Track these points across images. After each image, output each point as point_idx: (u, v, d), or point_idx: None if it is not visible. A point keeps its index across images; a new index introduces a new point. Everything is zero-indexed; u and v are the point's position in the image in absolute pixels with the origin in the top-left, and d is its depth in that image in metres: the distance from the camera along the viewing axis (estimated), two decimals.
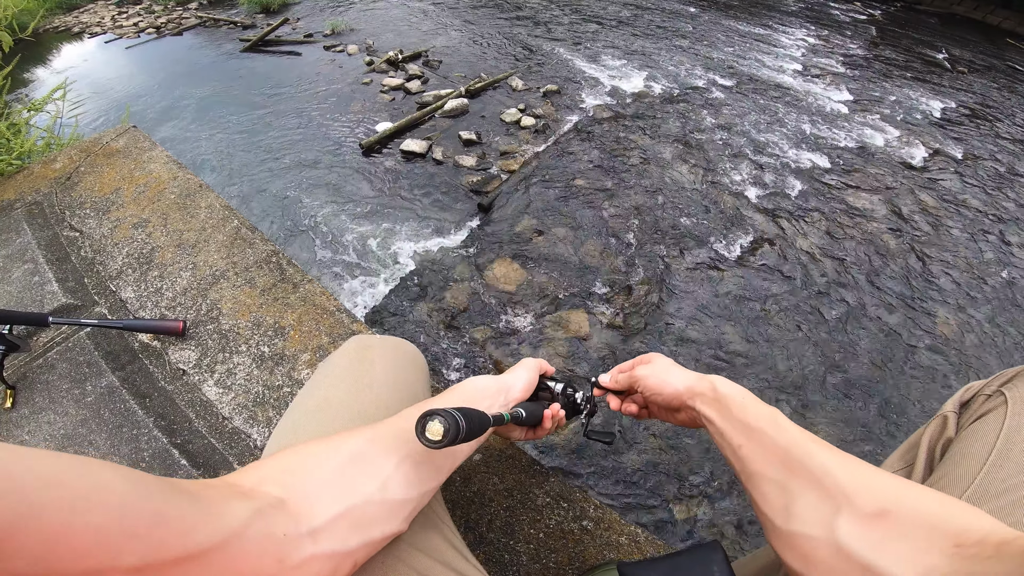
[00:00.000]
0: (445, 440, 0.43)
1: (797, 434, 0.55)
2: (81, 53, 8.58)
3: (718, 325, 3.49)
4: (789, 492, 0.51)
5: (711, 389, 0.68)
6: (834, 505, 0.46)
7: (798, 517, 0.48)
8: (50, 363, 1.19)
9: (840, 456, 0.51)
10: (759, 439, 0.58)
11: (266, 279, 1.37)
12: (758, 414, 0.60)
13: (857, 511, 0.44)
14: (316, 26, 8.46)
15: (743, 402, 0.64)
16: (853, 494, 0.46)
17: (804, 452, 0.52)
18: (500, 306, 3.48)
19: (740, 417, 0.62)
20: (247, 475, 0.43)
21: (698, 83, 6.72)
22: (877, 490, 0.45)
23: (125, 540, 0.30)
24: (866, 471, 0.48)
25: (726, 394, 0.66)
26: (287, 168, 4.97)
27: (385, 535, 0.47)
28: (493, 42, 7.65)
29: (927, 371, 3.36)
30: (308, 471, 0.45)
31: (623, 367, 0.86)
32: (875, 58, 8.41)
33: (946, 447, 0.66)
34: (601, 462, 2.66)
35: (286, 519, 0.40)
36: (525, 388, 0.73)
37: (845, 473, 0.48)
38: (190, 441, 1.08)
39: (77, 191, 1.67)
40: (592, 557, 0.95)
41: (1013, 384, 0.64)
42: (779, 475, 0.53)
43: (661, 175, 4.85)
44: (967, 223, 4.71)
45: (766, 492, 0.54)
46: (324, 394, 0.66)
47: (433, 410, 0.44)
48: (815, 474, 0.49)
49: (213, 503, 0.36)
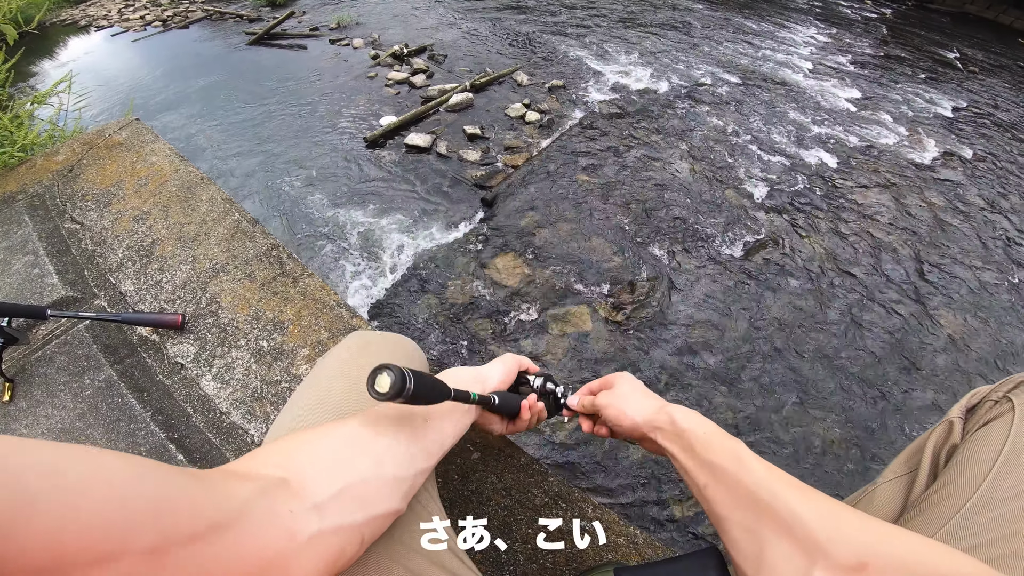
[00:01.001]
0: (391, 392, 0.44)
1: (762, 473, 0.52)
2: (87, 46, 8.60)
3: (721, 322, 3.46)
4: (759, 541, 0.49)
5: (670, 423, 0.66)
6: (809, 559, 0.44)
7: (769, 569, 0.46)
8: (48, 356, 1.19)
9: (808, 497, 0.48)
10: (723, 479, 0.55)
11: (266, 273, 1.36)
12: (721, 451, 0.58)
13: (834, 564, 0.42)
14: (322, 20, 8.44)
15: (705, 437, 0.61)
16: (827, 543, 0.43)
17: (770, 494, 0.50)
18: (502, 301, 3.47)
19: (703, 455, 0.59)
20: (245, 462, 0.44)
21: (705, 80, 6.67)
22: (853, 539, 0.43)
23: (134, 523, 0.30)
24: (836, 515, 0.46)
25: (686, 429, 0.63)
26: (291, 161, 4.97)
27: (387, 512, 0.48)
28: (498, 37, 7.61)
29: (932, 373, 3.33)
30: (305, 453, 0.46)
31: (591, 387, 0.85)
32: (885, 57, 8.33)
33: (951, 453, 0.65)
34: (600, 460, 2.65)
35: (290, 496, 0.40)
36: (501, 380, 0.74)
37: (816, 519, 0.46)
38: (187, 436, 1.08)
39: (79, 183, 1.67)
40: (590, 557, 0.94)
41: (1021, 390, 0.62)
42: (747, 521, 0.51)
43: (666, 171, 4.82)
44: (976, 224, 4.65)
45: (736, 539, 0.52)
46: (323, 390, 0.65)
47: (384, 364, 0.45)
48: (785, 520, 0.47)
49: (217, 485, 0.36)
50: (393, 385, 0.45)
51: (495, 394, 0.69)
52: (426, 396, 0.49)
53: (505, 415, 0.76)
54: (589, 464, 2.64)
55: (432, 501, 0.64)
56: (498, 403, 0.69)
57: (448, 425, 0.60)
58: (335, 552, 0.42)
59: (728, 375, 3.15)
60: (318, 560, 0.40)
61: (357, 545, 0.44)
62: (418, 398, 0.48)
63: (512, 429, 0.78)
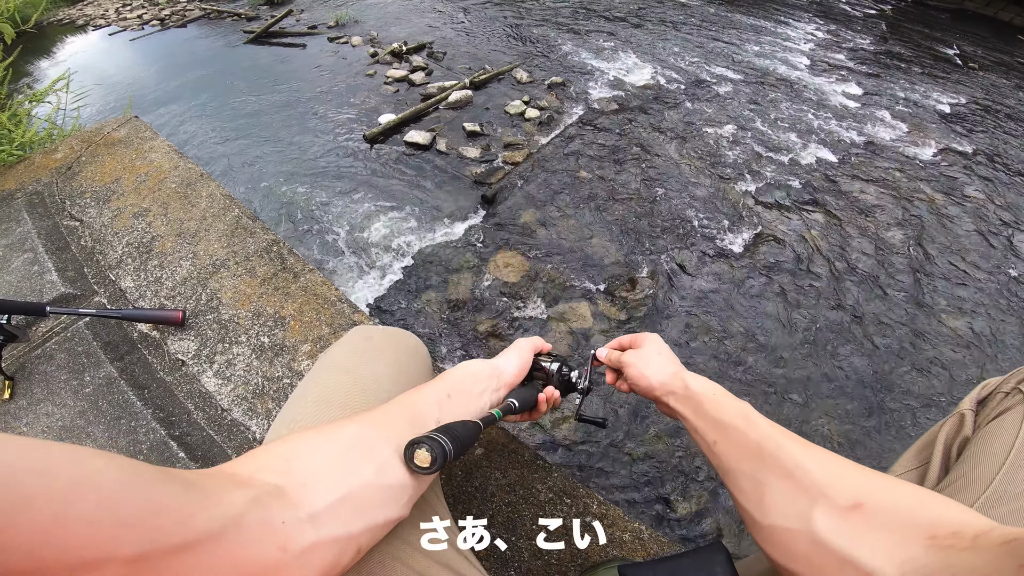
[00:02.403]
0: (435, 467, 0.45)
1: (768, 428, 0.56)
2: (85, 45, 8.58)
3: (722, 319, 3.46)
4: (762, 485, 0.51)
5: (683, 387, 0.69)
6: (809, 498, 0.46)
7: (774, 510, 0.49)
8: (48, 353, 1.18)
9: (811, 449, 0.51)
10: (731, 435, 0.58)
11: (267, 269, 1.35)
12: (730, 410, 0.61)
13: (832, 503, 0.45)
14: (320, 18, 8.41)
15: (715, 398, 0.64)
16: (827, 486, 0.46)
17: (775, 446, 0.53)
18: (503, 297, 3.46)
19: (712, 414, 0.62)
20: (243, 464, 0.42)
21: (704, 76, 6.65)
22: (850, 482, 0.46)
23: (120, 530, 0.29)
24: (838, 463, 0.49)
25: (697, 391, 0.67)
26: (290, 159, 4.95)
27: (387, 520, 0.47)
28: (497, 34, 7.59)
29: (937, 367, 3.33)
30: (305, 458, 0.44)
31: (621, 342, 0.88)
32: (884, 53, 8.31)
33: (963, 446, 0.64)
34: (604, 455, 2.65)
35: (284, 506, 0.39)
36: (517, 372, 0.73)
37: (817, 466, 0.48)
38: (188, 433, 1.07)
39: (78, 181, 1.66)
40: (595, 554, 0.93)
41: None
42: (752, 469, 0.54)
43: (666, 168, 4.81)
44: (977, 219, 4.65)
45: (742, 486, 0.54)
46: (324, 386, 0.65)
47: (418, 438, 0.46)
48: (787, 467, 0.50)
49: (209, 492, 0.35)
50: (435, 461, 0.45)
51: (513, 400, 0.68)
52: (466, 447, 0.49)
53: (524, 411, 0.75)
54: (594, 460, 2.63)
55: (436, 499, 0.63)
56: (517, 407, 0.68)
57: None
58: (329, 563, 0.41)
59: (729, 371, 3.14)
60: (310, 572, 0.39)
61: (353, 554, 0.43)
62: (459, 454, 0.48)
63: (527, 418, 0.78)
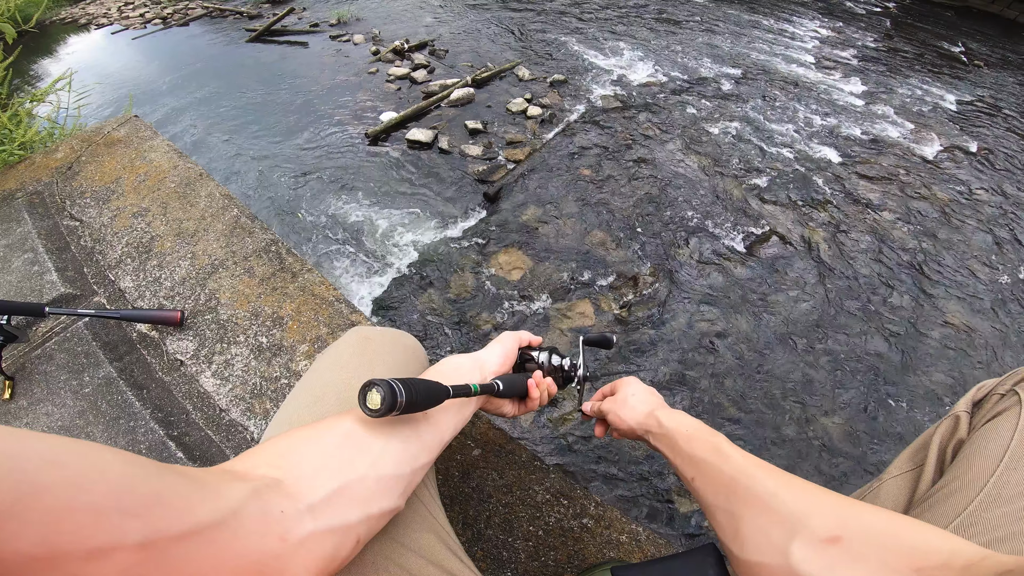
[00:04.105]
0: (383, 408, 0.44)
1: (741, 461, 0.56)
2: (87, 44, 8.58)
3: (724, 315, 3.45)
4: (738, 519, 0.51)
5: (657, 425, 0.71)
6: (785, 530, 0.45)
7: (750, 544, 0.49)
8: (48, 353, 1.18)
9: (786, 479, 0.51)
10: (705, 471, 0.59)
11: (265, 268, 1.35)
12: (703, 445, 0.61)
13: (810, 536, 0.44)
14: (322, 16, 8.41)
15: (688, 434, 0.65)
16: (804, 517, 0.45)
17: (749, 478, 0.53)
18: (505, 296, 3.46)
19: (686, 450, 0.63)
20: (241, 461, 0.44)
21: (707, 74, 6.62)
22: (828, 513, 0.45)
23: (127, 518, 0.30)
24: (814, 493, 0.48)
25: (671, 429, 0.68)
26: (292, 158, 4.96)
27: (383, 511, 0.47)
28: (499, 31, 7.57)
29: (938, 367, 3.31)
30: (301, 452, 0.45)
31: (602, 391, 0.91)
32: (889, 51, 8.26)
33: (957, 448, 0.64)
34: (603, 458, 2.65)
35: (283, 497, 0.40)
36: (501, 362, 0.72)
37: (793, 497, 0.48)
38: (187, 433, 1.07)
39: (78, 180, 1.66)
40: (592, 555, 0.93)
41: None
42: (728, 504, 0.53)
43: (669, 166, 4.79)
44: (981, 217, 4.62)
45: (721, 523, 0.54)
46: (322, 387, 0.65)
47: (373, 380, 0.45)
48: (762, 499, 0.50)
49: (210, 485, 0.36)
50: (384, 400, 0.44)
51: (498, 380, 0.67)
52: (422, 402, 0.49)
53: (513, 398, 0.74)
54: (591, 460, 2.63)
55: (431, 499, 0.63)
56: (502, 388, 0.67)
57: (448, 418, 0.59)
58: (329, 553, 0.41)
59: (731, 369, 3.13)
60: (311, 561, 0.40)
61: (352, 545, 0.44)
62: (414, 406, 0.47)
63: (524, 409, 0.77)
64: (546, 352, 0.82)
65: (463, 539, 0.93)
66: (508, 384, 0.68)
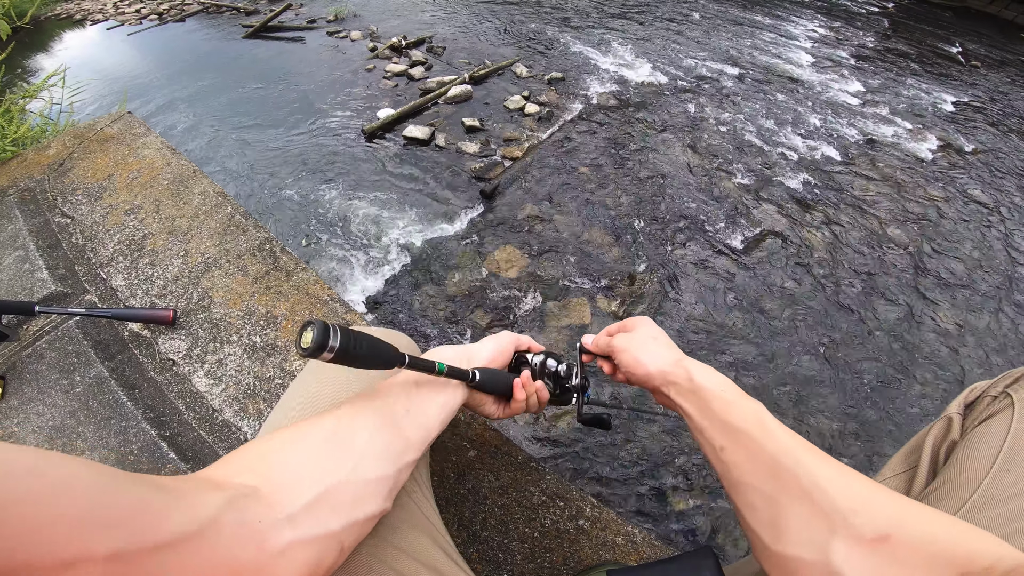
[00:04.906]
0: (312, 347, 0.41)
1: (787, 440, 0.50)
2: (82, 40, 8.53)
3: (721, 315, 3.45)
4: (777, 505, 0.47)
5: (687, 378, 0.62)
6: (829, 526, 0.42)
7: (789, 537, 0.45)
8: (39, 352, 1.17)
9: (835, 468, 0.47)
10: (744, 443, 0.52)
11: (259, 267, 1.34)
12: (743, 413, 0.55)
13: (854, 534, 0.41)
14: (319, 12, 8.37)
15: (724, 397, 0.57)
16: (850, 514, 0.42)
17: (794, 461, 0.48)
18: (502, 293, 3.45)
19: (721, 416, 0.56)
20: (218, 469, 0.43)
21: (705, 73, 6.62)
22: (876, 511, 0.42)
23: (96, 530, 0.29)
24: (864, 487, 0.44)
25: (704, 386, 0.59)
26: (288, 153, 4.93)
27: (368, 515, 0.46)
28: (497, 28, 7.55)
29: (934, 367, 3.32)
30: (279, 458, 0.44)
31: (609, 329, 0.81)
32: (887, 51, 8.27)
33: (950, 450, 0.64)
34: (600, 459, 2.65)
35: (261, 506, 0.39)
36: (491, 356, 0.69)
37: (840, 489, 0.44)
38: (179, 434, 1.06)
39: (70, 177, 1.64)
40: (588, 557, 0.93)
41: (1020, 385, 0.61)
42: (767, 487, 0.49)
43: (666, 164, 4.79)
44: (977, 218, 4.63)
45: (754, 504, 0.50)
46: (315, 387, 0.64)
47: (311, 319, 0.43)
48: (806, 488, 0.45)
49: (184, 495, 0.36)
50: (315, 340, 0.41)
51: (477, 369, 0.62)
52: (364, 357, 0.45)
53: (494, 394, 0.69)
54: (588, 461, 2.63)
55: (425, 500, 0.63)
56: (479, 379, 0.61)
57: (432, 410, 0.57)
58: (312, 562, 0.41)
59: (726, 368, 3.13)
60: (293, 571, 0.39)
61: (336, 553, 0.43)
62: (349, 356, 0.44)
63: (508, 412, 0.72)
64: (541, 356, 0.76)
65: (459, 541, 0.93)
66: (488, 377, 0.63)
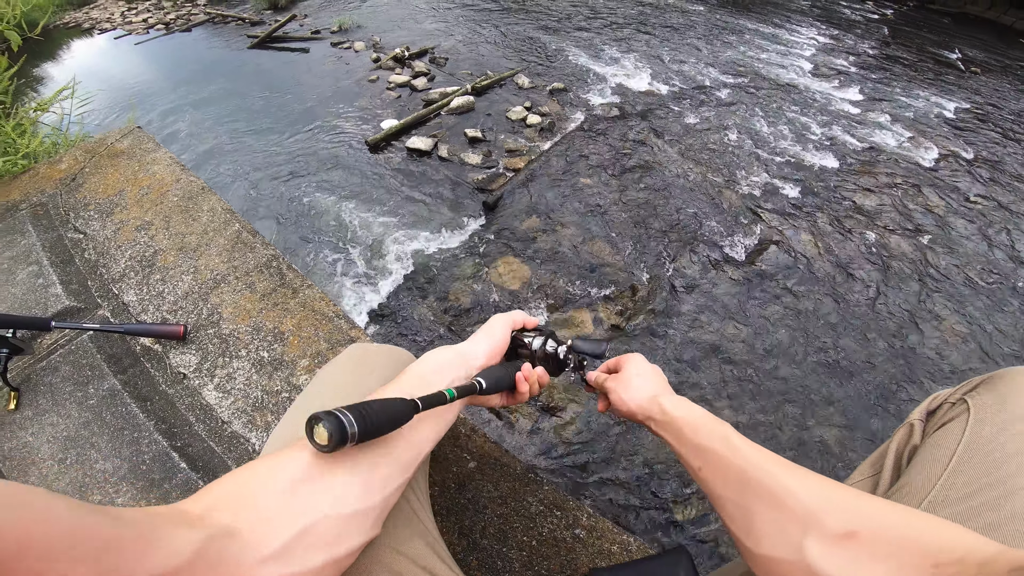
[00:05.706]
0: (331, 443, 0.40)
1: (752, 452, 0.55)
2: (91, 50, 8.66)
3: (722, 325, 3.47)
4: (750, 512, 0.51)
5: (660, 412, 0.68)
6: (801, 527, 0.45)
7: (765, 539, 0.48)
8: (53, 366, 1.21)
9: (799, 473, 0.50)
10: (714, 461, 0.57)
11: (266, 284, 1.38)
12: (710, 436, 0.60)
13: (825, 532, 0.43)
14: (323, 23, 8.47)
15: (694, 423, 0.63)
16: (819, 513, 0.45)
17: (760, 471, 0.52)
18: (504, 305, 3.49)
19: (693, 440, 0.61)
20: (197, 502, 0.42)
21: (706, 82, 6.67)
22: (843, 509, 0.44)
23: (76, 565, 0.30)
24: (828, 488, 0.48)
25: (676, 416, 0.66)
26: (292, 165, 4.99)
27: (351, 550, 0.45)
28: (499, 40, 7.63)
29: (933, 375, 3.34)
30: (256, 495, 0.43)
31: (607, 365, 0.86)
32: (887, 57, 8.31)
33: (912, 454, 0.67)
34: (597, 469, 2.67)
35: (238, 546, 0.39)
36: (488, 353, 0.69)
37: (808, 491, 0.47)
38: (190, 444, 1.10)
39: (81, 192, 1.69)
40: (584, 565, 0.95)
41: (977, 392, 0.64)
42: (739, 498, 0.53)
43: (667, 174, 4.83)
44: (977, 226, 4.65)
45: (732, 514, 0.54)
46: (321, 402, 0.65)
47: (317, 413, 0.41)
48: (775, 494, 0.49)
49: (162, 532, 0.35)
50: (332, 436, 0.40)
51: (480, 379, 0.62)
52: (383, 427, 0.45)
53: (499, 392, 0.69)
54: (585, 471, 2.65)
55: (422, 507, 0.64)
56: (485, 387, 0.62)
57: (425, 430, 0.56)
58: None
59: (729, 377, 3.16)
60: None
61: None
62: (371, 434, 0.43)
63: (512, 401, 0.74)
64: (541, 338, 0.77)
65: (458, 549, 0.96)
66: (492, 381, 0.64)
